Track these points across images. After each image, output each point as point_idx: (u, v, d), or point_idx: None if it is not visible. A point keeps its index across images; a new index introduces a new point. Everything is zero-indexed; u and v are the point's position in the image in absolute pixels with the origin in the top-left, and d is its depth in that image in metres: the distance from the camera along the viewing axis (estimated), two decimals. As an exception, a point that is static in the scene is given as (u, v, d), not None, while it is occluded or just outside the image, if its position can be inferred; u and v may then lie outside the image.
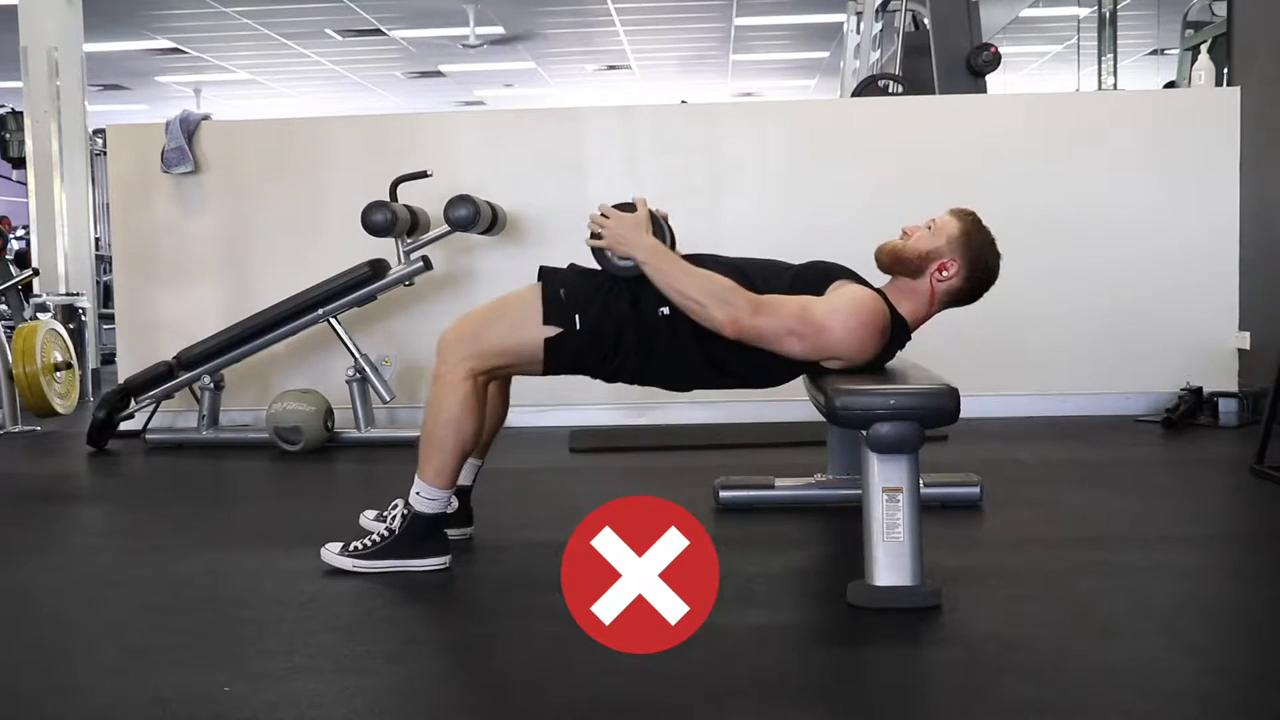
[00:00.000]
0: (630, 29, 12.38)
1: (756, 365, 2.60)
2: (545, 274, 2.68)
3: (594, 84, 15.80)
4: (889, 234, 2.76)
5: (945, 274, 2.57)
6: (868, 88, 6.47)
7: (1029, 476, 3.71)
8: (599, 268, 2.66)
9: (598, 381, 2.76)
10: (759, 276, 2.60)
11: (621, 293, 2.60)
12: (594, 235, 2.61)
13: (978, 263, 2.58)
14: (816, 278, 2.59)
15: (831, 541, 2.99)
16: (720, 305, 2.46)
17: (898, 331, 2.56)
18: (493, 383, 2.72)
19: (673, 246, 2.64)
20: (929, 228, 2.60)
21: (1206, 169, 4.90)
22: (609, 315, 2.58)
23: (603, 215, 2.61)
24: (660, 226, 2.65)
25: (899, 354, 2.64)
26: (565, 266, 2.76)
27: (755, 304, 2.46)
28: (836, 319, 2.46)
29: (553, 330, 2.58)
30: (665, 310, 2.57)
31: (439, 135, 5.17)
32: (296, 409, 4.44)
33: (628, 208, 2.63)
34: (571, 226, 5.00)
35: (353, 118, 5.69)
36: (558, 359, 2.61)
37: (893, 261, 2.60)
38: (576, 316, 2.58)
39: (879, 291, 2.58)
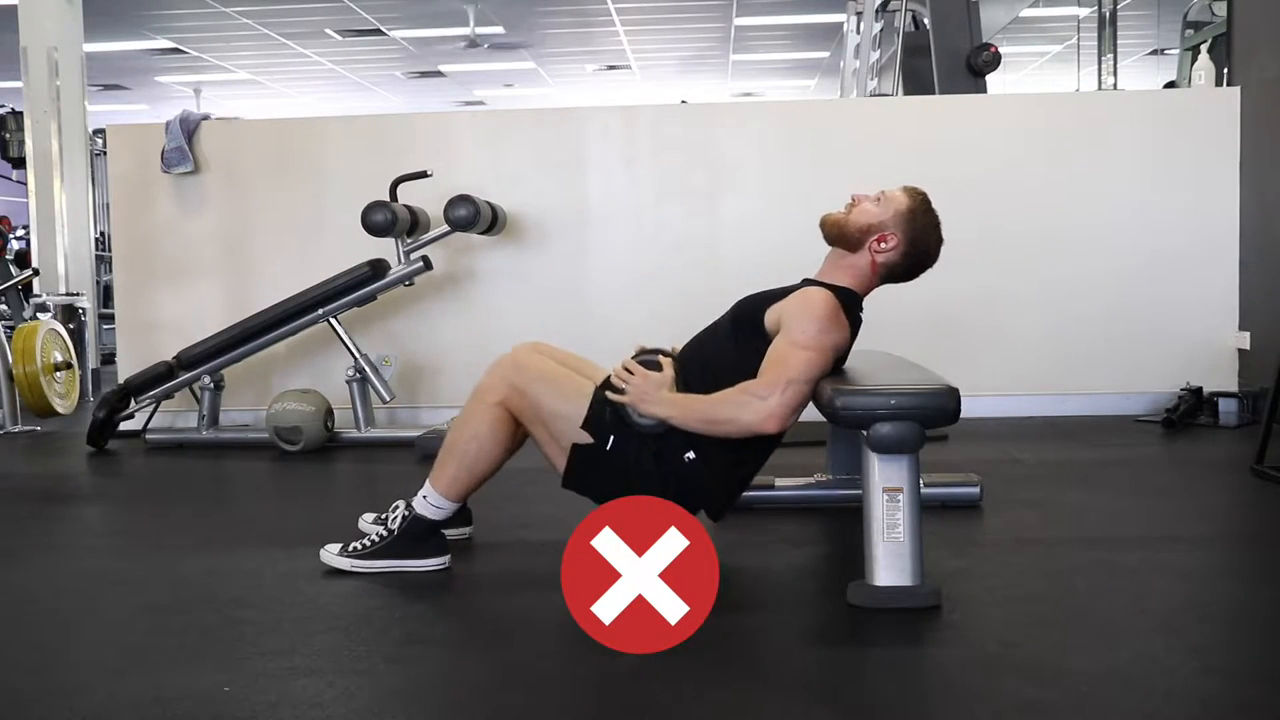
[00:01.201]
0: (630, 29, 12.38)
1: (764, 452, 2.67)
2: (606, 382, 2.61)
3: (594, 84, 15.80)
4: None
5: (884, 245, 2.59)
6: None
7: (1029, 476, 3.71)
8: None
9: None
10: (710, 344, 2.63)
11: (646, 445, 2.55)
12: (616, 389, 2.56)
13: (917, 241, 2.61)
14: (749, 316, 2.61)
15: (831, 541, 2.99)
16: (748, 414, 2.43)
17: (851, 303, 2.59)
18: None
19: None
20: (878, 199, 2.62)
21: (1206, 169, 4.90)
22: (639, 459, 2.54)
23: (626, 370, 2.56)
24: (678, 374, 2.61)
25: (906, 355, 2.65)
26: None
27: (768, 388, 2.43)
28: (813, 330, 2.47)
29: (585, 437, 2.56)
30: (690, 455, 2.55)
31: (439, 135, 5.17)
32: (296, 409, 4.44)
33: (653, 365, 2.57)
34: (571, 226, 5.04)
35: (353, 118, 5.69)
36: (576, 467, 2.58)
37: (836, 233, 2.64)
38: (612, 438, 2.55)
39: (811, 282, 2.62)
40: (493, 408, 2.58)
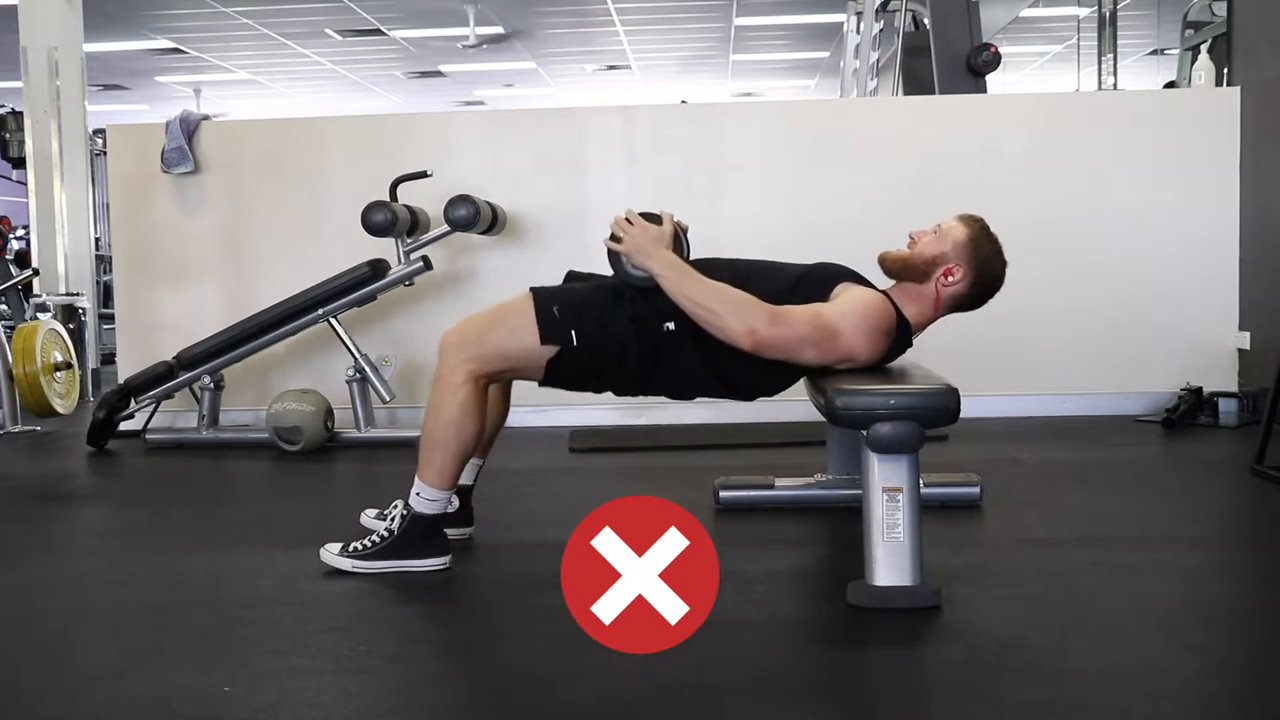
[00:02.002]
0: (630, 29, 12.38)
1: (760, 374, 2.62)
2: (537, 293, 2.65)
3: (594, 84, 15.80)
4: (888, 233, 2.76)
5: (951, 279, 2.58)
6: None
7: (1029, 476, 3.71)
8: (595, 273, 2.65)
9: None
10: (761, 279, 2.60)
11: (619, 307, 2.59)
12: (613, 238, 2.58)
13: (984, 269, 2.60)
14: (820, 281, 2.60)
15: (831, 541, 2.99)
16: (737, 318, 2.45)
17: (902, 333, 2.57)
18: (493, 384, 2.72)
19: (687, 259, 2.63)
20: (935, 232, 2.60)
21: (1206, 169, 4.90)
22: (607, 331, 2.57)
23: (626, 220, 2.58)
24: (680, 240, 2.64)
25: (905, 355, 2.65)
26: (560, 282, 2.75)
27: (772, 315, 2.45)
28: (848, 323, 2.47)
29: (551, 349, 2.58)
30: (670, 326, 2.56)
31: (439, 135, 5.17)
32: (296, 409, 4.44)
33: (654, 218, 2.60)
34: (571, 226, 5.03)
35: (352, 118, 5.69)
36: (556, 374, 2.62)
37: (900, 268, 2.61)
38: (572, 332, 2.57)
39: (884, 293, 2.59)
40: (459, 388, 2.57)
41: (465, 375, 2.57)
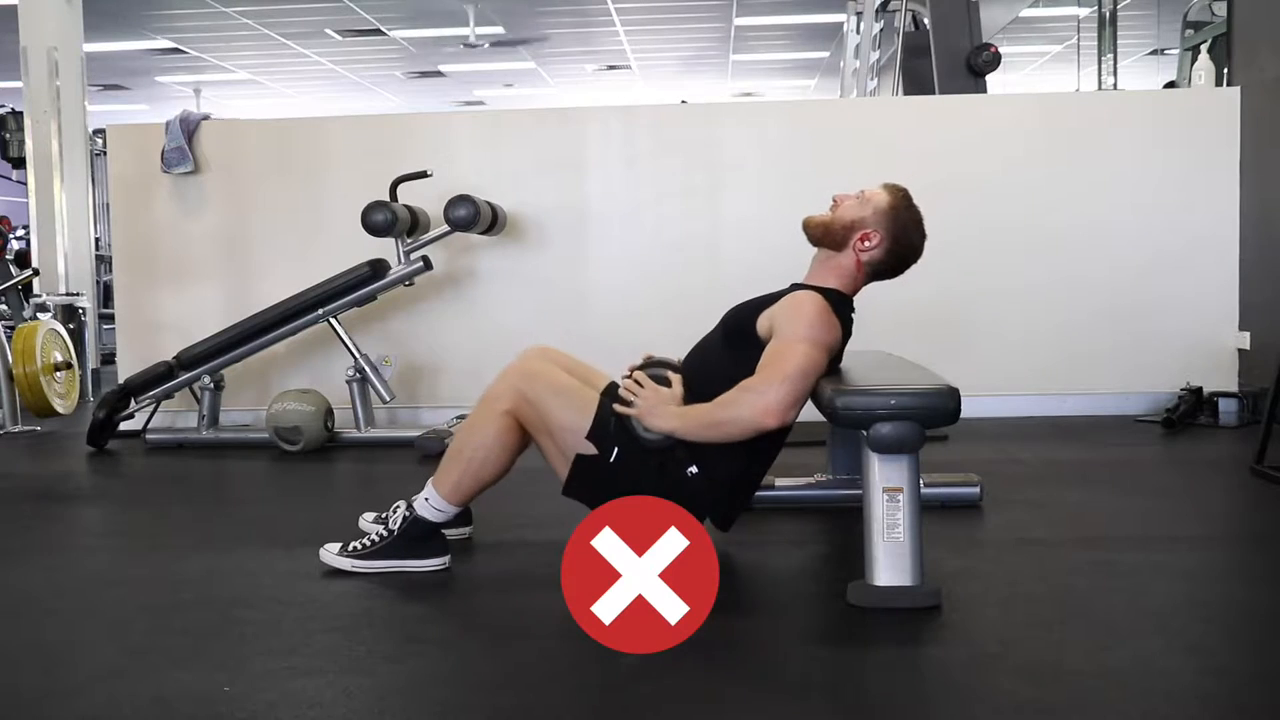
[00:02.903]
0: (630, 29, 12.38)
1: (768, 455, 2.68)
2: (609, 389, 2.64)
3: (594, 84, 15.80)
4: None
5: (868, 244, 2.61)
6: None
7: (1029, 476, 3.71)
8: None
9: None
10: (705, 359, 2.64)
11: (650, 458, 2.55)
12: (624, 402, 2.55)
13: (901, 237, 2.62)
14: (740, 322, 2.62)
15: (831, 541, 2.99)
16: (749, 413, 2.42)
17: (841, 306, 2.60)
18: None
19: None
20: (858, 197, 2.64)
21: (1206, 169, 4.90)
22: (640, 471, 2.53)
23: (636, 382, 2.56)
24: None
25: (905, 355, 2.65)
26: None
27: (766, 382, 2.42)
28: (806, 333, 2.47)
29: (590, 448, 2.55)
30: (694, 470, 2.55)
31: (439, 135, 5.17)
32: (296, 409, 4.44)
33: (661, 379, 2.57)
34: (571, 226, 5.04)
35: (353, 118, 5.69)
36: (579, 476, 2.58)
37: (821, 233, 2.66)
38: (615, 450, 2.55)
39: (799, 286, 2.63)
40: (501, 416, 2.57)
41: (511, 405, 2.56)
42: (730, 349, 2.60)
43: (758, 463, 2.68)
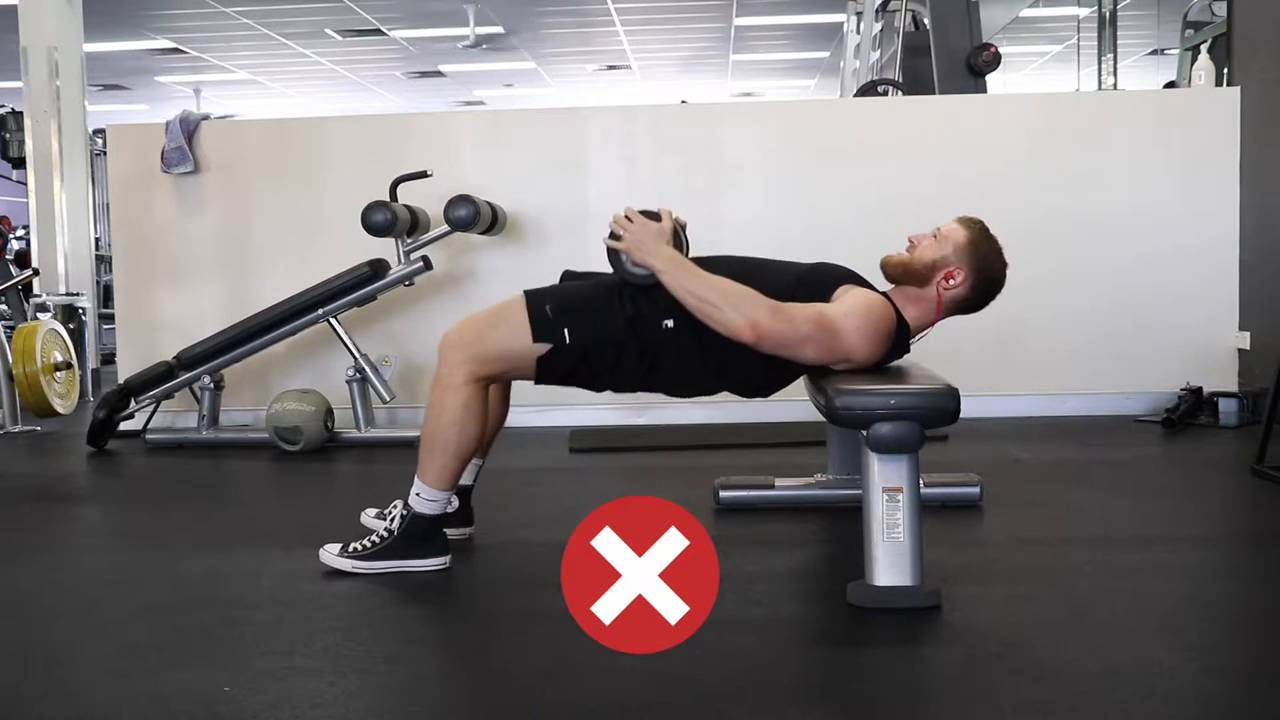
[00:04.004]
0: (630, 29, 12.38)
1: (760, 372, 2.61)
2: (530, 294, 2.65)
3: (594, 84, 15.80)
4: (888, 233, 2.75)
5: (952, 283, 2.58)
6: (867, 93, 6.47)
7: (1029, 476, 3.71)
8: (594, 271, 2.65)
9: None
10: (761, 278, 2.59)
11: (617, 306, 2.58)
12: (613, 236, 2.58)
13: (985, 271, 2.60)
14: (821, 282, 2.60)
15: (831, 541, 2.99)
16: (739, 311, 2.44)
17: (900, 336, 2.57)
18: (493, 385, 2.72)
19: (687, 255, 2.63)
20: (935, 235, 2.60)
21: (1206, 169, 4.90)
22: (603, 330, 2.57)
23: (626, 218, 2.58)
24: (679, 237, 2.64)
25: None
26: (556, 282, 2.75)
27: (773, 309, 2.45)
28: (849, 323, 2.46)
29: (544, 347, 2.57)
30: (669, 323, 2.56)
31: (439, 135, 5.17)
32: (296, 409, 4.44)
33: (653, 216, 2.60)
34: (571, 226, 5.03)
35: (353, 118, 5.69)
36: (550, 372, 2.61)
37: (901, 273, 2.62)
38: (565, 331, 2.56)
39: (885, 295, 2.59)
40: (460, 388, 2.57)
41: (465, 375, 2.57)
42: (797, 292, 2.55)
43: (725, 367, 2.62)
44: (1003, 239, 2.68)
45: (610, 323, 2.57)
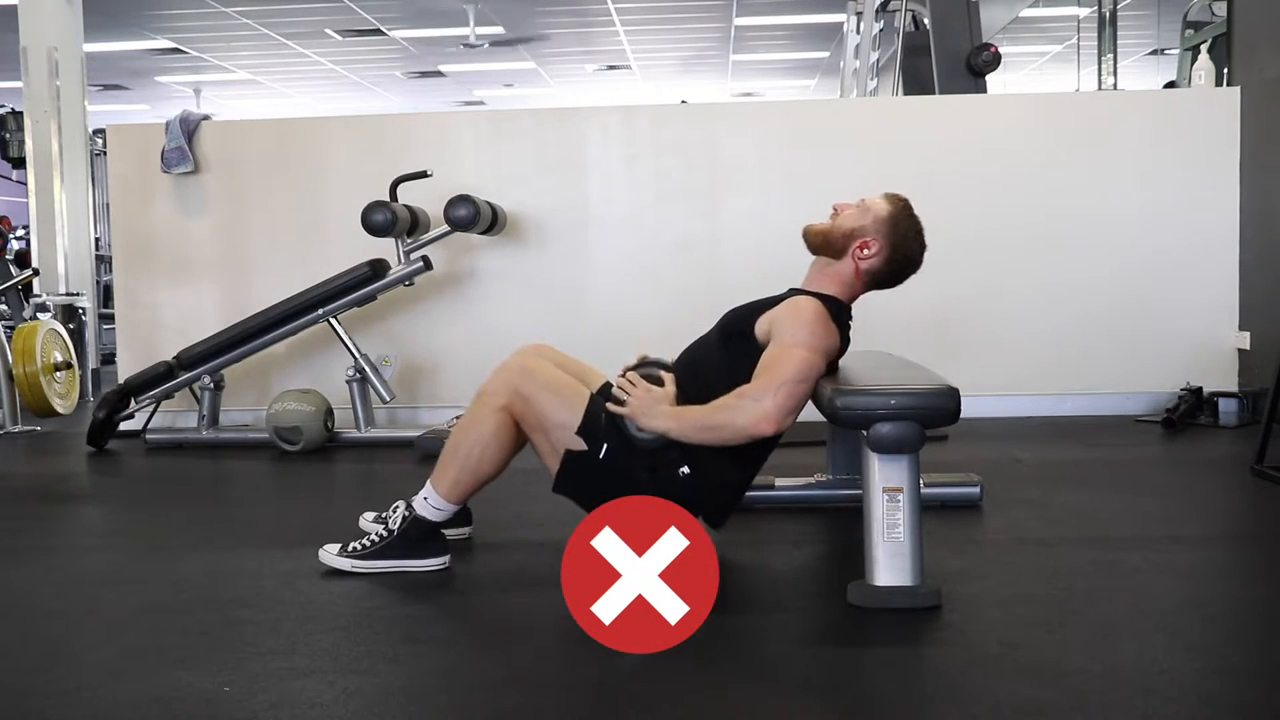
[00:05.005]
0: (630, 29, 12.38)
1: (773, 441, 2.62)
2: (603, 388, 2.65)
3: (594, 84, 15.80)
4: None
5: (866, 252, 2.61)
6: None
7: (1029, 476, 3.71)
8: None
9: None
10: (706, 359, 2.62)
11: (641, 458, 2.54)
12: (617, 401, 2.55)
13: (900, 247, 2.62)
14: (738, 322, 2.62)
15: (831, 541, 2.99)
16: (747, 417, 2.41)
17: (839, 312, 2.60)
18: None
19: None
20: (859, 205, 2.64)
21: (1206, 169, 4.90)
22: (631, 468, 2.53)
23: (630, 382, 2.55)
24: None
25: (905, 355, 2.64)
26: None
27: (762, 391, 2.41)
28: (806, 338, 2.46)
29: (579, 443, 2.55)
30: (685, 470, 2.54)
31: (439, 135, 5.17)
32: (296, 409, 4.44)
33: (654, 379, 2.56)
34: (571, 226, 5.04)
35: (353, 118, 5.68)
36: (568, 473, 2.57)
37: (821, 241, 2.65)
38: (605, 446, 2.54)
39: (800, 293, 2.62)
40: (497, 412, 2.57)
41: (506, 401, 2.56)
42: (726, 350, 2.60)
43: (751, 465, 2.67)
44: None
45: (638, 463, 2.53)
